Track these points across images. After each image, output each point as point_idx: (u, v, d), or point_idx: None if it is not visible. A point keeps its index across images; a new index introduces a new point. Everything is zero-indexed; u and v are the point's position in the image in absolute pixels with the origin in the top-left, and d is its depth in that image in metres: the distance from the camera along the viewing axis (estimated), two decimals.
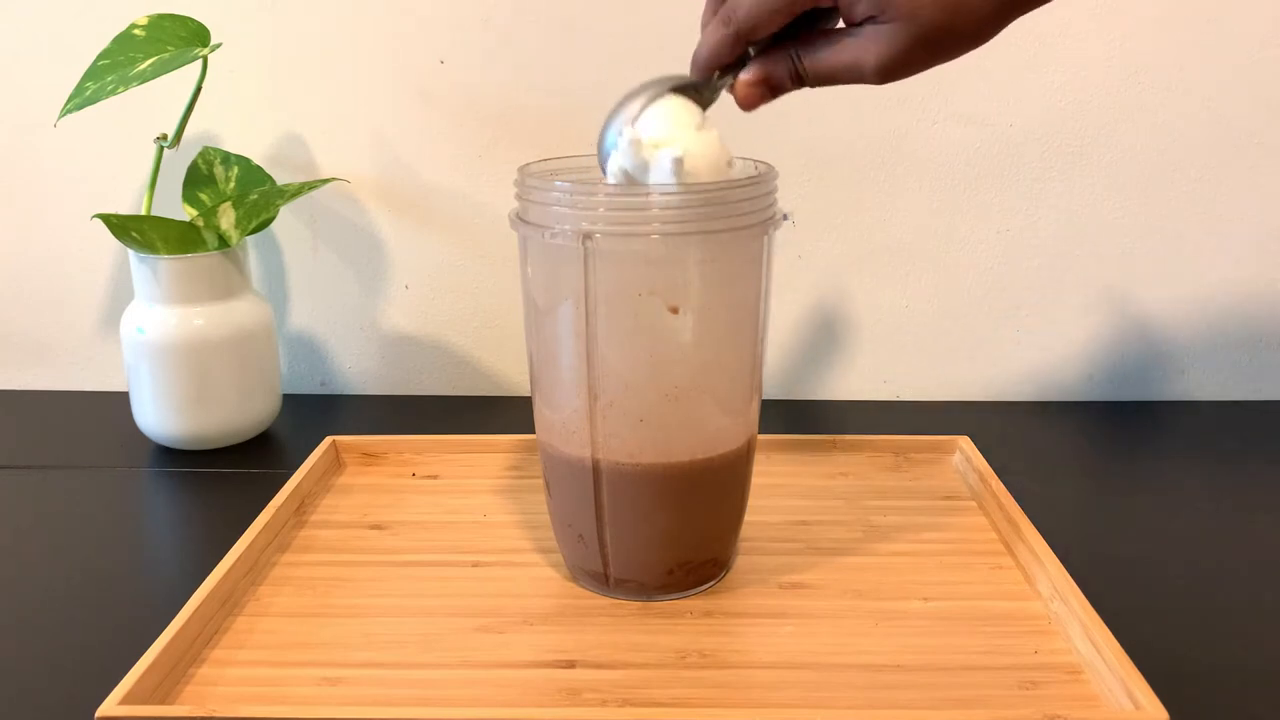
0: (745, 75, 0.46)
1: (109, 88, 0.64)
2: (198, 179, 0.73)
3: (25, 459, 0.70)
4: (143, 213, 0.69)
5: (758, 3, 0.44)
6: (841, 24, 0.45)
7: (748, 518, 0.54)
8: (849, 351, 0.80)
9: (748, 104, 0.47)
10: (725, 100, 0.48)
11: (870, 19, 0.43)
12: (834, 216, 0.77)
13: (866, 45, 0.43)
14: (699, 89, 0.47)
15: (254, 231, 0.71)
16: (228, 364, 0.69)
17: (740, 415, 0.50)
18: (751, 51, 0.46)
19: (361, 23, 0.75)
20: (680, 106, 0.47)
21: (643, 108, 0.46)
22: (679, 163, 0.45)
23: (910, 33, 0.43)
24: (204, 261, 0.68)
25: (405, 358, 0.82)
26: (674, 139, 0.46)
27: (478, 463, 0.66)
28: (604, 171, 0.48)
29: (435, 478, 0.65)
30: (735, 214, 0.46)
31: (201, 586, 0.49)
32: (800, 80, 0.46)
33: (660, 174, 0.46)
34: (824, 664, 0.46)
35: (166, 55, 0.66)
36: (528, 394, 0.53)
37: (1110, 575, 0.54)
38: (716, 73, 0.47)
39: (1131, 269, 0.78)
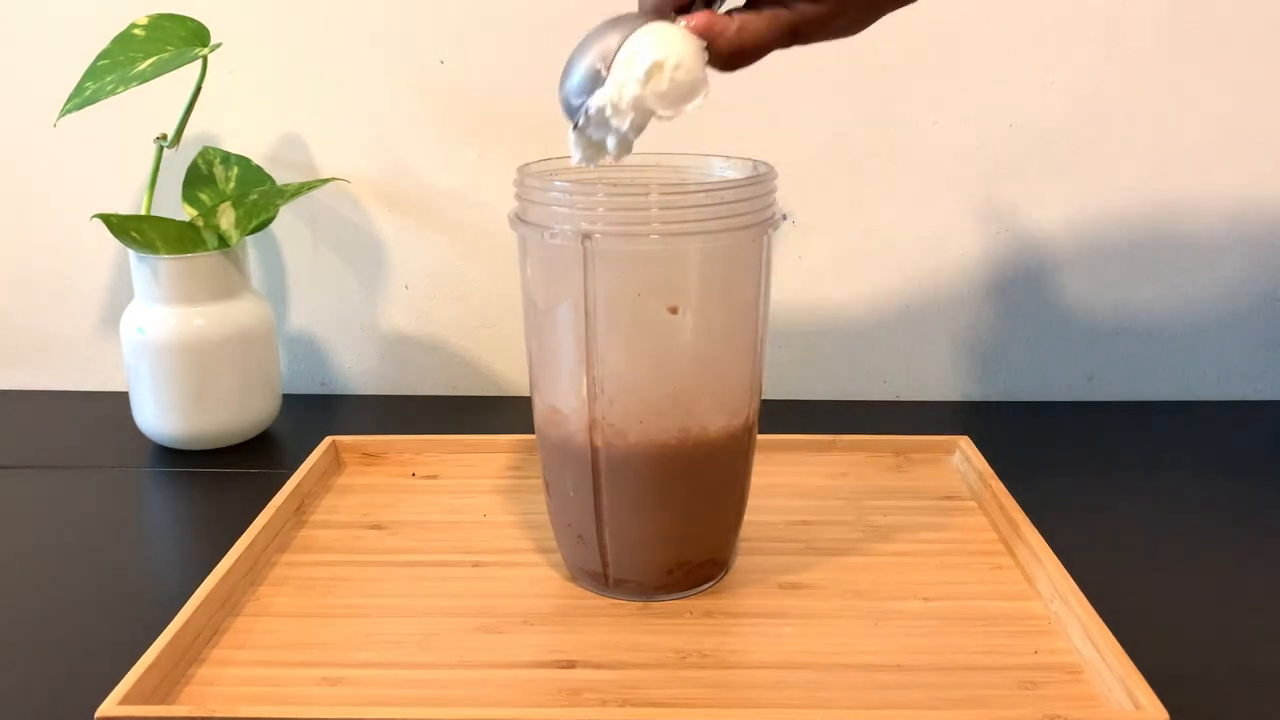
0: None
1: (109, 88, 0.64)
2: (198, 179, 0.73)
3: (25, 459, 0.70)
4: (143, 212, 0.69)
5: None
6: None
7: (748, 518, 0.54)
8: (849, 351, 0.80)
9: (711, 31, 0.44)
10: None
11: None
12: (834, 216, 0.77)
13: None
14: None
15: (254, 231, 0.71)
16: (228, 364, 0.69)
17: (740, 415, 0.50)
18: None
19: (361, 22, 0.75)
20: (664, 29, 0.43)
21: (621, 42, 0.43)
22: (657, 68, 0.42)
23: None
24: (204, 261, 0.68)
25: (405, 358, 0.82)
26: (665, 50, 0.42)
27: (478, 463, 0.66)
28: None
29: (435, 478, 0.65)
30: (735, 214, 0.46)
31: (201, 586, 0.49)
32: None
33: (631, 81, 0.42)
34: (824, 664, 0.46)
35: (166, 55, 0.66)
36: (528, 394, 0.53)
37: (1110, 575, 0.54)
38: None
39: (1131, 269, 0.78)
